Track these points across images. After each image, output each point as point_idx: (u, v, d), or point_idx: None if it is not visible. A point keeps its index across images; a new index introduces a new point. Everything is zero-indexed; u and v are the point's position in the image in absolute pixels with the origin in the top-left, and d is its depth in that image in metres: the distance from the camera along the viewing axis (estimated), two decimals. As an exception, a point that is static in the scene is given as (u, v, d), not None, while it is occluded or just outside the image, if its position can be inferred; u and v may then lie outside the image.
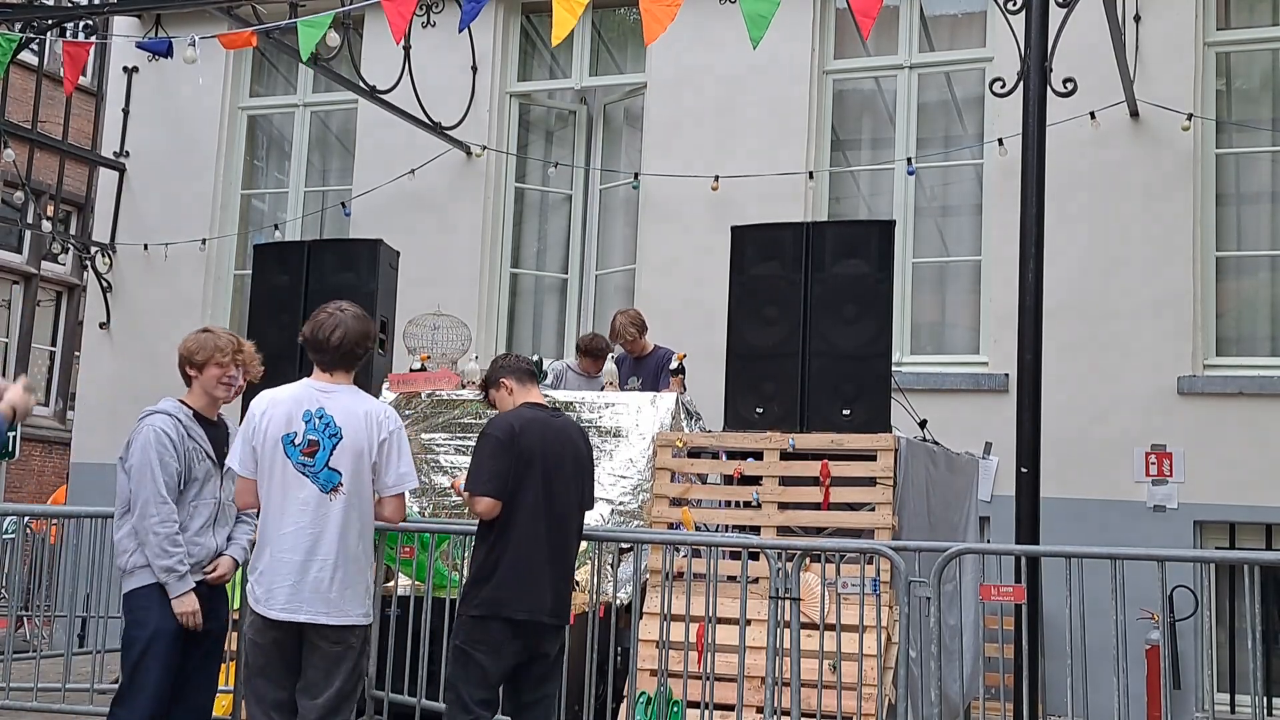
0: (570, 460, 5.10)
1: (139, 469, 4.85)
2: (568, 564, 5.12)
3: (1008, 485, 6.92)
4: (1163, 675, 7.79)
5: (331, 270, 7.82)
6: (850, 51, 10.37)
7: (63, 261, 17.92)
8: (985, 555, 6.72)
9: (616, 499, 7.01)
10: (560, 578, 5.04)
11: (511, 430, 4.99)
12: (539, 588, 4.93)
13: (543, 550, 4.95)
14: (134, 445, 4.88)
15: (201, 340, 5.03)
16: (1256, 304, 9.33)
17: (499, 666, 4.92)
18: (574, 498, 5.12)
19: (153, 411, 4.98)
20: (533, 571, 4.92)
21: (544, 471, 4.97)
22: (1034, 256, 6.62)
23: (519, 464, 4.93)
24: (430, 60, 10.41)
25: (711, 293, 8.17)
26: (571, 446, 5.14)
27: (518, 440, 4.96)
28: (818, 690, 5.67)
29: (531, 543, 4.93)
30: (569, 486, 5.07)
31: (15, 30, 9.26)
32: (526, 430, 5.01)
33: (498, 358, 5.46)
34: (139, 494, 4.83)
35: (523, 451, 4.95)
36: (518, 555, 4.91)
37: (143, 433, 4.89)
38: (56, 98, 12.91)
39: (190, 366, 5.03)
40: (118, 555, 4.93)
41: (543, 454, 4.99)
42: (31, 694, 6.92)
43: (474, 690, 4.89)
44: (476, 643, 4.91)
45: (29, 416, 5.93)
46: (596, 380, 8.51)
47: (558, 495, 5.01)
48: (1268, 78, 9.57)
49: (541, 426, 5.07)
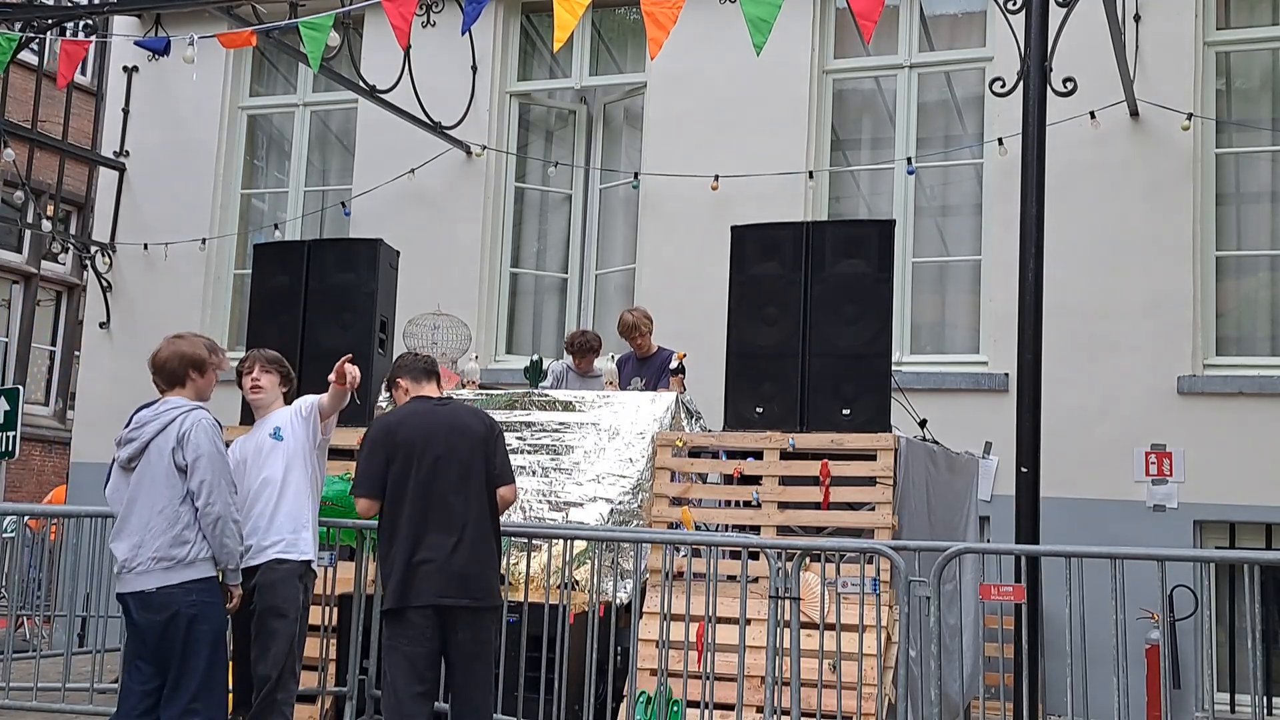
0: (461, 443, 5.14)
1: (211, 457, 4.92)
2: (473, 544, 5.07)
3: (1008, 485, 6.92)
4: (1163, 675, 7.79)
5: (331, 270, 7.81)
6: (850, 51, 10.37)
7: (63, 261, 17.91)
8: (985, 555, 6.73)
9: (616, 499, 7.01)
10: (464, 559, 5.03)
11: (387, 428, 5.18)
12: (433, 573, 4.99)
13: (433, 535, 5.02)
14: (197, 436, 4.92)
15: (208, 344, 5.21)
16: (1256, 304, 9.33)
17: (423, 655, 5.01)
18: (472, 475, 5.13)
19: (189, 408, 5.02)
20: (425, 559, 5.00)
21: (426, 460, 5.07)
22: (1034, 256, 6.62)
23: (398, 458, 5.08)
24: (430, 60, 10.41)
25: (711, 293, 8.16)
26: (459, 429, 5.18)
27: (394, 435, 5.12)
28: (818, 690, 5.68)
29: (419, 531, 5.03)
30: (461, 469, 5.10)
31: (15, 30, 9.25)
32: (404, 424, 5.17)
33: (397, 358, 5.60)
34: (214, 481, 4.90)
35: (400, 445, 5.09)
36: (407, 545, 5.02)
37: (203, 424, 4.97)
38: (56, 97, 12.90)
39: (194, 369, 5.10)
40: (174, 546, 4.86)
41: (423, 443, 5.09)
42: (31, 694, 6.92)
43: (405, 684, 4.99)
44: (396, 636, 5.04)
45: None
46: (597, 380, 8.51)
47: (443, 480, 5.07)
48: (1268, 78, 9.57)
49: (423, 417, 5.18)
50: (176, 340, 5.19)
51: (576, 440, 7.23)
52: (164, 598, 4.85)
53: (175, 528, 4.87)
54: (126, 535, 4.95)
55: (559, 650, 5.91)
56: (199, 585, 4.88)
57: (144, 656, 4.96)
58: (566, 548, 6.12)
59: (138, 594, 4.89)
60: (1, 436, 10.85)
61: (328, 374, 5.59)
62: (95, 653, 7.43)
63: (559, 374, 8.67)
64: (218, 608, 4.97)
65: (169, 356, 5.11)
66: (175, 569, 4.85)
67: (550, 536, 6.18)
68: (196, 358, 5.13)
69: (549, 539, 6.22)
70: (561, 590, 6.04)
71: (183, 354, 5.11)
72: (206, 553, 4.89)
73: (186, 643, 4.84)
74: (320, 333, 7.60)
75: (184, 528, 4.87)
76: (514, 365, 10.04)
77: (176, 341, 5.18)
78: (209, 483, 4.87)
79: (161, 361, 5.12)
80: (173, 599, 4.85)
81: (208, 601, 4.90)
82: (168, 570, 4.85)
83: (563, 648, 5.91)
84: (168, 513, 4.88)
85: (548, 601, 5.98)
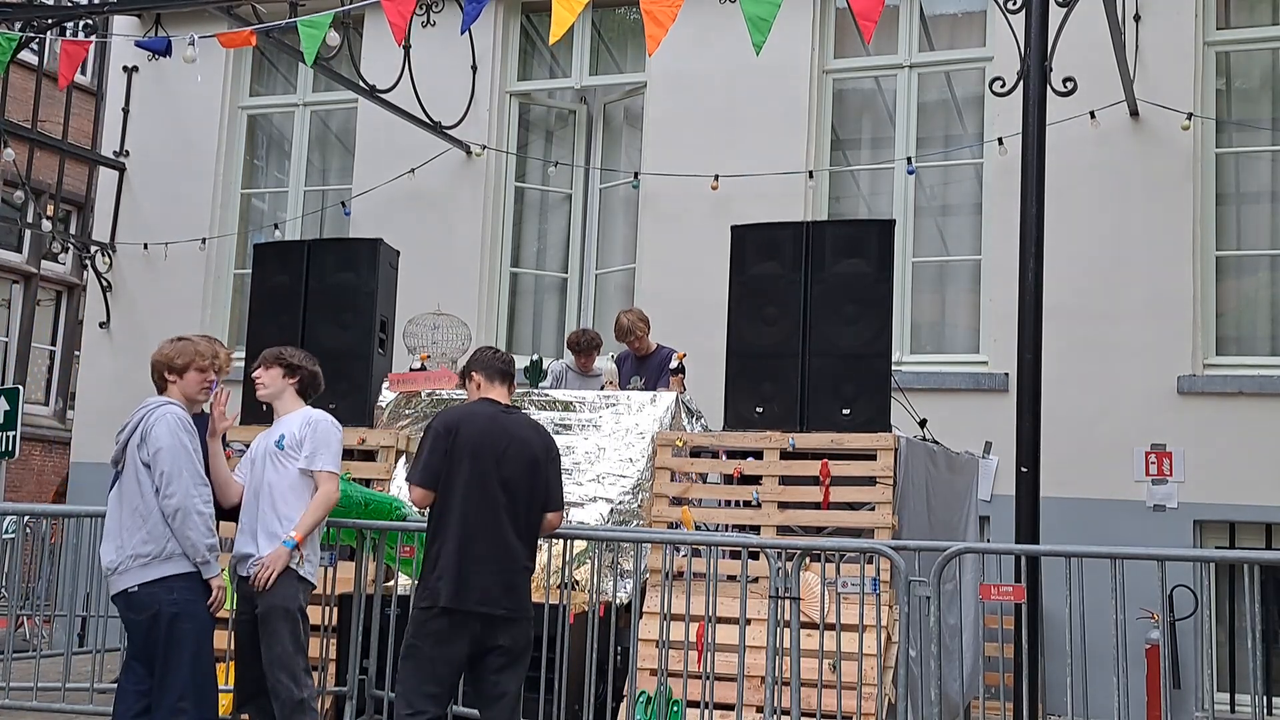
0: (517, 455, 5.09)
1: (174, 450, 4.88)
2: (514, 557, 5.05)
3: (1008, 485, 6.92)
4: (1162, 675, 7.78)
5: (331, 270, 7.81)
6: (850, 51, 10.37)
7: (62, 261, 17.91)
8: (985, 555, 6.73)
9: (616, 498, 7.01)
10: (506, 569, 5.01)
11: (452, 424, 5.10)
12: (479, 579, 4.94)
13: (481, 542, 4.98)
14: (157, 430, 4.90)
15: (180, 347, 5.17)
16: (1256, 304, 9.33)
17: (445, 659, 4.95)
18: (520, 492, 5.09)
19: (159, 404, 5.01)
20: (471, 563, 4.95)
21: (482, 465, 5.02)
22: (1034, 256, 6.62)
23: (456, 457, 5.02)
24: (430, 60, 10.41)
25: (711, 292, 8.16)
26: (519, 442, 5.13)
27: (456, 434, 5.05)
28: (818, 690, 5.68)
29: (468, 534, 4.98)
30: (513, 481, 5.06)
31: (15, 30, 9.25)
32: (467, 423, 5.10)
33: (477, 350, 5.52)
34: (177, 472, 4.86)
35: (461, 445, 5.03)
36: (455, 547, 4.97)
37: (166, 418, 4.93)
38: (56, 97, 12.91)
39: (170, 372, 5.11)
40: (146, 543, 4.86)
41: (483, 448, 5.04)
42: (31, 693, 6.92)
43: (419, 683, 4.94)
44: (422, 635, 4.98)
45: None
46: (597, 379, 8.51)
47: (497, 488, 5.02)
48: (1268, 77, 9.57)
49: (486, 421, 5.12)
50: (164, 344, 5.22)
51: (577, 440, 7.23)
52: (145, 597, 4.85)
53: (146, 524, 4.88)
54: (110, 538, 4.99)
55: (559, 650, 5.91)
56: (181, 584, 4.86)
57: (138, 657, 4.98)
58: (566, 548, 6.12)
59: (123, 595, 4.90)
60: (1, 436, 10.85)
61: (328, 374, 5.58)
62: (95, 653, 7.43)
63: (559, 374, 8.67)
64: (201, 605, 4.93)
65: (152, 361, 5.18)
66: (151, 565, 4.85)
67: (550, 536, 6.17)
68: (171, 362, 5.13)
69: (549, 539, 6.21)
70: (561, 590, 6.04)
71: (159, 359, 5.16)
72: (178, 548, 4.86)
73: (169, 642, 4.83)
74: (320, 333, 7.59)
75: (155, 523, 4.87)
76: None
77: (163, 345, 5.22)
78: (167, 474, 4.84)
79: (150, 366, 5.19)
80: (154, 598, 4.84)
81: (190, 600, 4.87)
82: (144, 567, 4.86)
83: (563, 648, 5.91)
84: (140, 510, 4.90)
85: (548, 601, 5.97)
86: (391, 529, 6.26)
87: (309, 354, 5.64)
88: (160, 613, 4.83)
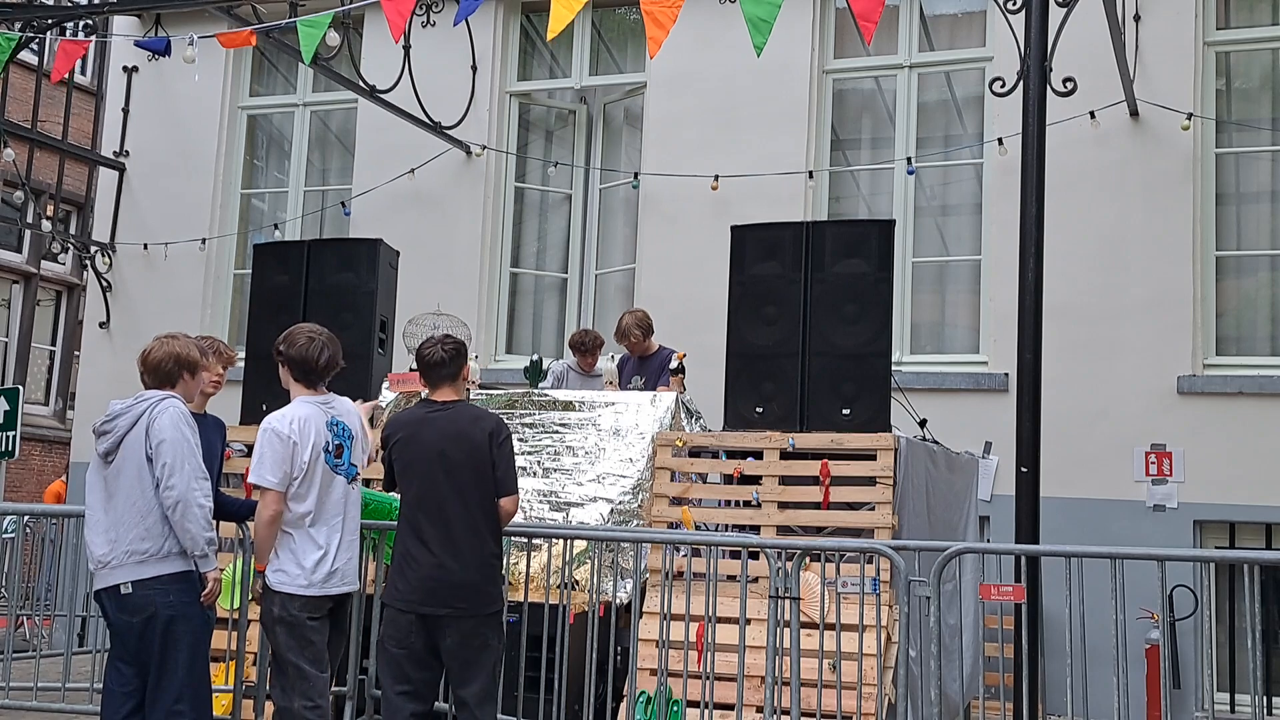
0: (457, 452, 5.15)
1: (176, 442, 4.85)
2: (463, 554, 5.09)
3: (1008, 485, 6.92)
4: (1162, 675, 7.78)
5: (331, 270, 7.81)
6: (850, 51, 10.37)
7: (62, 261, 17.92)
8: (985, 555, 6.73)
9: (616, 498, 7.00)
10: (460, 568, 5.07)
11: (389, 430, 5.31)
12: (424, 577, 5.07)
13: (424, 541, 5.11)
14: (161, 422, 4.86)
15: (190, 345, 5.19)
16: (1256, 304, 9.33)
17: (409, 658, 5.10)
18: (467, 485, 5.14)
19: (161, 398, 4.97)
20: (416, 562, 5.11)
21: (423, 466, 5.16)
22: (1034, 256, 6.62)
23: (399, 462, 5.22)
24: (430, 60, 10.42)
25: (711, 292, 8.16)
26: (457, 439, 5.18)
27: (393, 437, 5.24)
28: (818, 690, 5.68)
29: (412, 534, 5.16)
30: (457, 479, 5.14)
31: (15, 30, 9.25)
32: (401, 427, 5.27)
33: (420, 345, 5.56)
34: (179, 465, 4.82)
35: (399, 450, 5.22)
36: (402, 548, 5.17)
37: (169, 411, 4.90)
38: (56, 97, 12.91)
39: (188, 370, 5.07)
40: (144, 540, 4.83)
41: (423, 449, 5.17)
42: (31, 693, 6.92)
43: (391, 682, 5.13)
44: (387, 636, 5.18)
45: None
46: (598, 379, 8.51)
47: (438, 489, 5.13)
48: (1268, 77, 9.57)
49: (417, 426, 5.25)
50: (169, 340, 5.15)
51: (577, 440, 7.23)
52: (140, 599, 4.80)
53: (146, 521, 4.83)
54: (104, 530, 4.89)
55: (559, 650, 5.91)
56: (176, 585, 4.83)
57: (124, 658, 4.92)
58: (566, 547, 6.12)
59: (113, 592, 4.84)
60: (1, 436, 10.84)
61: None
62: (95, 653, 7.42)
63: (559, 374, 8.68)
64: (196, 607, 4.89)
65: (163, 357, 5.06)
66: (148, 562, 4.82)
67: (550, 536, 6.18)
68: (189, 359, 5.10)
69: (549, 539, 6.22)
70: (561, 590, 6.03)
71: (177, 355, 5.07)
72: (177, 545, 4.83)
73: (165, 644, 4.80)
74: (320, 333, 7.58)
75: (155, 520, 4.83)
76: (514, 365, 10.05)
77: (169, 342, 5.13)
78: (170, 465, 4.80)
79: (156, 362, 5.06)
80: (149, 600, 4.80)
81: (186, 601, 4.84)
82: (140, 564, 4.81)
83: (563, 648, 5.91)
84: (140, 506, 4.85)
85: (548, 601, 5.97)
86: (391, 529, 6.25)
87: (305, 329, 5.34)
88: (156, 615, 4.79)
